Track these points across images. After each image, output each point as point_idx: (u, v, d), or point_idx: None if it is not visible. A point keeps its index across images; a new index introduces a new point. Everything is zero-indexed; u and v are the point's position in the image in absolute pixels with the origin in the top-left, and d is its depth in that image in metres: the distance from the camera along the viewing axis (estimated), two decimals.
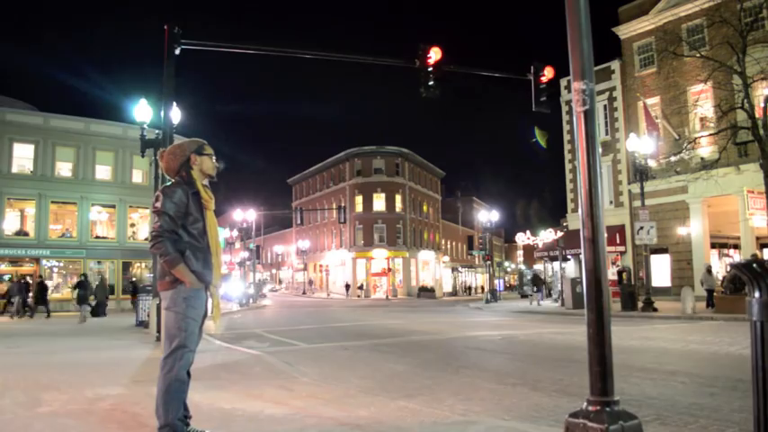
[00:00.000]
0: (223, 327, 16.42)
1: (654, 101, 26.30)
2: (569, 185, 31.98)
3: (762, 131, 16.35)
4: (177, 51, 10.64)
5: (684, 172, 21.97)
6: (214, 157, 3.82)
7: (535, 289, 30.66)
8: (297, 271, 67.10)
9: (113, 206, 31.94)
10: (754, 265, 2.51)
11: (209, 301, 3.68)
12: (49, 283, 30.67)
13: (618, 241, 27.96)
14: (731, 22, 17.65)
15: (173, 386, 3.39)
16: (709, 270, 19.40)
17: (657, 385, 6.20)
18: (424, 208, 62.51)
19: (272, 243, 72.54)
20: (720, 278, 20.32)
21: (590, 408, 2.93)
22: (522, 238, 36.53)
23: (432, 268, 62.11)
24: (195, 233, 3.55)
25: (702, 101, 21.39)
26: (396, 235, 55.74)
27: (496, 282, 53.35)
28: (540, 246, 33.92)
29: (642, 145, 19.73)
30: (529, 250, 68.14)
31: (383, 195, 55.98)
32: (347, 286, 52.81)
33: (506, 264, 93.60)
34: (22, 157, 30.00)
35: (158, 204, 3.48)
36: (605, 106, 29.01)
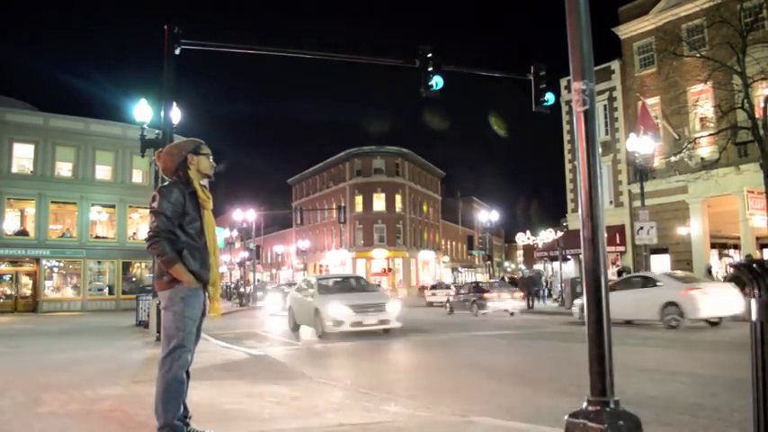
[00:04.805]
0: (220, 327, 16.40)
1: (654, 101, 26.27)
2: (569, 185, 31.96)
3: (762, 131, 16.34)
4: (177, 51, 10.63)
5: (684, 172, 21.96)
6: (211, 157, 3.82)
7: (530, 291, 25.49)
8: (297, 271, 67.12)
9: (113, 206, 31.92)
10: (754, 265, 2.51)
11: (208, 300, 3.68)
12: (49, 284, 30.74)
13: (618, 241, 27.92)
14: (731, 22, 17.62)
15: (171, 386, 3.39)
16: (709, 270, 19.39)
17: (657, 385, 6.20)
18: (424, 208, 62.50)
19: (272, 243, 72.50)
20: (721, 279, 20.32)
21: (590, 408, 2.92)
22: (522, 238, 36.55)
23: (432, 268, 62.09)
24: (192, 233, 3.54)
25: (702, 101, 21.36)
26: (396, 235, 55.71)
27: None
28: (540, 246, 33.91)
29: (642, 145, 19.73)
30: (529, 250, 68.06)
31: (383, 195, 55.95)
32: None
33: (506, 264, 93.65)
34: (22, 157, 29.99)
35: (155, 204, 3.48)
36: (605, 106, 28.98)
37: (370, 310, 12.76)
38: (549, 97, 12.99)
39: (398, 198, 56.53)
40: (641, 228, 18.90)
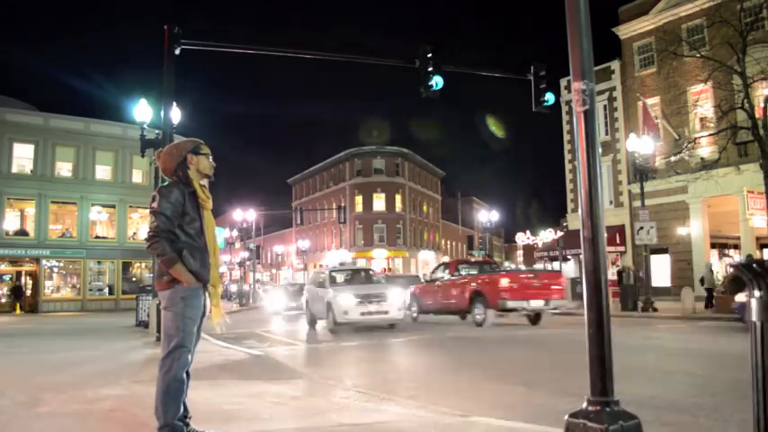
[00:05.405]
0: (221, 327, 16.37)
1: (654, 101, 26.29)
2: (569, 185, 31.97)
3: (762, 131, 16.34)
4: (177, 51, 10.62)
5: (684, 172, 21.95)
6: (211, 157, 3.82)
7: None
8: (297, 271, 67.14)
9: (113, 206, 31.94)
10: (754, 264, 2.51)
11: (208, 300, 3.68)
12: (49, 284, 30.76)
13: (618, 241, 27.94)
14: (731, 22, 17.61)
15: (172, 386, 3.39)
16: (710, 269, 19.39)
17: (657, 385, 6.20)
18: (424, 208, 62.52)
19: (272, 243, 72.52)
20: (720, 278, 20.31)
21: (590, 408, 2.92)
22: (521, 238, 36.61)
23: (431, 268, 62.08)
24: (192, 233, 3.54)
25: (702, 101, 21.37)
26: (396, 235, 55.74)
27: None
28: (540, 246, 33.94)
29: (642, 145, 19.73)
30: (529, 250, 68.17)
31: (383, 195, 55.98)
32: None
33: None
34: (22, 157, 30.00)
35: (155, 204, 3.48)
36: (605, 106, 29.01)
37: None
38: (549, 97, 12.98)
39: (398, 198, 56.56)
40: (641, 228, 18.91)
